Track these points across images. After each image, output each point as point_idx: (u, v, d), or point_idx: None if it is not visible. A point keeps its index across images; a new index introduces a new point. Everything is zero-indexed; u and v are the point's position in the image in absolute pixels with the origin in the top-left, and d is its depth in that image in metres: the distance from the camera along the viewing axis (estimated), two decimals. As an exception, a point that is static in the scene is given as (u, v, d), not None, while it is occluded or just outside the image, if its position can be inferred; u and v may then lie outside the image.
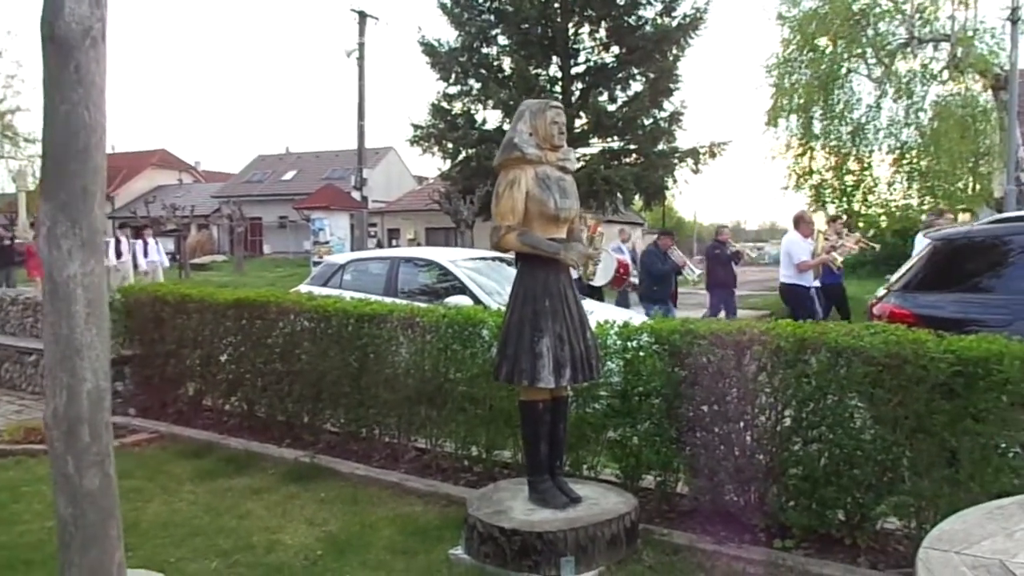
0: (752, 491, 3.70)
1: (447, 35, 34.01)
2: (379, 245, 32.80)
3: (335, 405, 5.22)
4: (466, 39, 27.29)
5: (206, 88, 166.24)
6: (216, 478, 4.80)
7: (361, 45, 25.10)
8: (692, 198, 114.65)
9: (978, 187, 16.49)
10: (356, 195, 25.67)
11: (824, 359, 3.51)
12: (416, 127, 28.03)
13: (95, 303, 2.41)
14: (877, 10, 16.33)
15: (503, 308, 3.77)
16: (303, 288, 7.85)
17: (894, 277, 5.95)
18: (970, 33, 15.36)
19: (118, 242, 14.34)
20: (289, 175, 45.16)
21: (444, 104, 28.13)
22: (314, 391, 5.25)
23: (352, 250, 21.60)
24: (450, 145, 27.74)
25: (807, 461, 3.56)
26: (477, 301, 6.53)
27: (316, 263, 18.53)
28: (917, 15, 15.89)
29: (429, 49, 27.54)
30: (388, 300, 5.92)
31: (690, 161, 27.46)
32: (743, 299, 20.91)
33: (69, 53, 2.34)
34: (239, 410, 5.89)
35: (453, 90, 28.13)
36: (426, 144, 28.13)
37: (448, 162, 28.46)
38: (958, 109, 16.18)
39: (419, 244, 33.82)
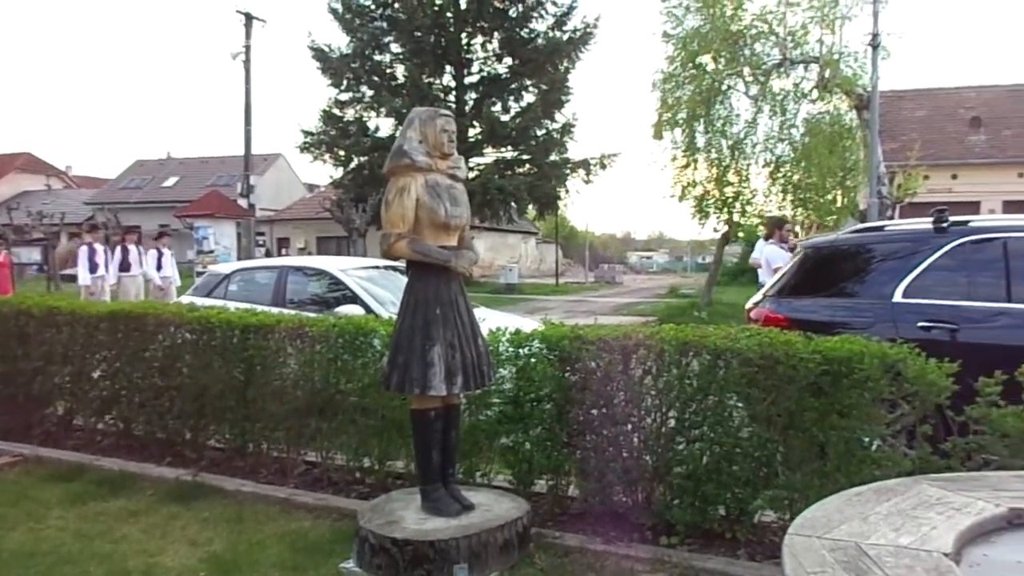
0: (639, 491, 3.82)
1: (339, 41, 33.53)
2: (268, 254, 31.81)
3: (219, 420, 5.02)
4: (358, 46, 27.02)
5: (78, 88, 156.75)
6: (88, 501, 4.51)
7: (248, 48, 24.31)
8: (584, 208, 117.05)
9: (845, 199, 17.54)
10: (243, 202, 24.79)
11: (705, 361, 3.68)
12: (307, 133, 27.50)
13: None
14: (753, 31, 17.21)
15: (395, 317, 3.74)
16: (185, 299, 7.52)
17: (769, 283, 6.29)
18: (836, 56, 16.42)
19: (160, 254, 12.96)
20: (171, 181, 43.06)
21: (336, 111, 27.75)
22: (197, 406, 5.03)
23: (239, 259, 20.83)
24: (342, 152, 27.38)
25: (690, 460, 3.71)
26: (369, 310, 6.44)
27: (200, 273, 17.78)
28: (789, 38, 16.86)
29: (320, 54, 27.10)
30: (276, 311, 5.76)
31: (582, 171, 28.23)
32: (630, 307, 21.47)
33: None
34: (114, 429, 5.57)
35: (345, 97, 27.80)
36: (317, 151, 27.65)
37: (340, 170, 28.05)
38: (827, 127, 17.21)
39: (310, 253, 33.03)
